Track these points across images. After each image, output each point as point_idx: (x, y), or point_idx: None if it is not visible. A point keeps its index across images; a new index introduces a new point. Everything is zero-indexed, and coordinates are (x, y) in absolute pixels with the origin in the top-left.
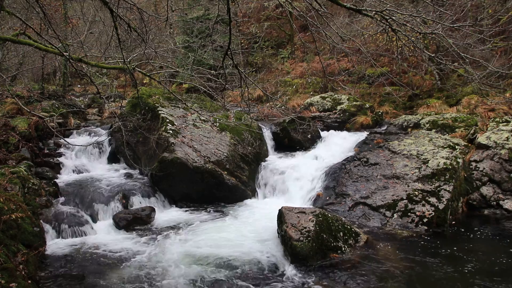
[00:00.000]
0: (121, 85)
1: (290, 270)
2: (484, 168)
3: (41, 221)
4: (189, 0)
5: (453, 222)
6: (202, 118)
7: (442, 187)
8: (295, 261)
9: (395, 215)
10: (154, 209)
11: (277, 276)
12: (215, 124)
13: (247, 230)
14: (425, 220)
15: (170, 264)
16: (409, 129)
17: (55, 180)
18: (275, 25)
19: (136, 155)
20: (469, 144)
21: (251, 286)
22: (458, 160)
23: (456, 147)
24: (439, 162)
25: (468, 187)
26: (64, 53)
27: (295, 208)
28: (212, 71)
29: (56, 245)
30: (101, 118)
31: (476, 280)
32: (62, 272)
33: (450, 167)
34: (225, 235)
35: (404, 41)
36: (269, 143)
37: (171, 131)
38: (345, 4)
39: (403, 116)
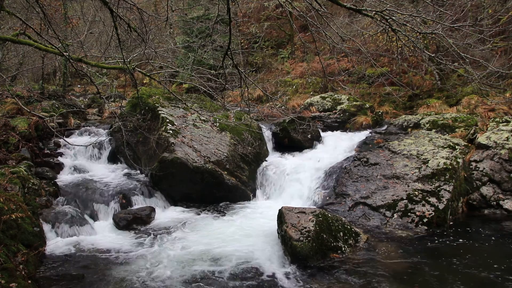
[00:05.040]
0: (121, 85)
1: (290, 270)
2: (484, 168)
3: (41, 221)
4: (189, 0)
5: (453, 222)
6: (202, 118)
7: (442, 187)
8: (295, 261)
9: (395, 215)
10: (154, 209)
11: (277, 276)
12: (215, 124)
13: (247, 230)
14: (425, 220)
15: (170, 264)
16: (409, 129)
17: (55, 180)
18: (275, 25)
19: (136, 155)
20: (469, 144)
21: (251, 286)
22: (458, 160)
23: (456, 147)
24: (439, 162)
25: (468, 187)
26: (64, 53)
27: (295, 208)
28: (212, 71)
29: (56, 245)
30: (101, 118)
31: (476, 280)
32: (62, 272)
33: (450, 167)
34: (225, 235)
35: (404, 41)
36: (269, 143)
37: (171, 131)
38: (345, 4)
39: (403, 116)
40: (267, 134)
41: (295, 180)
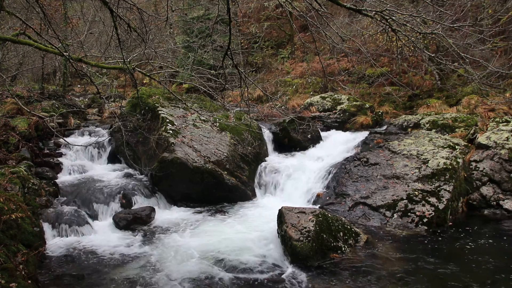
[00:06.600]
0: (121, 85)
1: (290, 270)
2: (484, 168)
3: (41, 221)
4: (189, 0)
5: (453, 222)
6: (202, 118)
7: (442, 187)
8: (295, 261)
9: (395, 215)
10: (154, 209)
11: (277, 276)
12: (215, 124)
13: (247, 230)
14: (425, 220)
15: (169, 264)
16: (409, 129)
17: (55, 180)
18: (275, 25)
19: (136, 155)
20: (469, 144)
21: (251, 286)
22: (458, 160)
23: (456, 147)
24: (439, 162)
25: (468, 187)
26: (64, 53)
27: (295, 208)
28: (212, 71)
29: (56, 245)
30: (101, 118)
31: (476, 280)
32: (62, 272)
33: (450, 167)
34: (225, 235)
35: (404, 41)
36: (269, 143)
37: (171, 131)
38: (345, 4)
39: (403, 116)
40: (267, 134)
41: (295, 180)
